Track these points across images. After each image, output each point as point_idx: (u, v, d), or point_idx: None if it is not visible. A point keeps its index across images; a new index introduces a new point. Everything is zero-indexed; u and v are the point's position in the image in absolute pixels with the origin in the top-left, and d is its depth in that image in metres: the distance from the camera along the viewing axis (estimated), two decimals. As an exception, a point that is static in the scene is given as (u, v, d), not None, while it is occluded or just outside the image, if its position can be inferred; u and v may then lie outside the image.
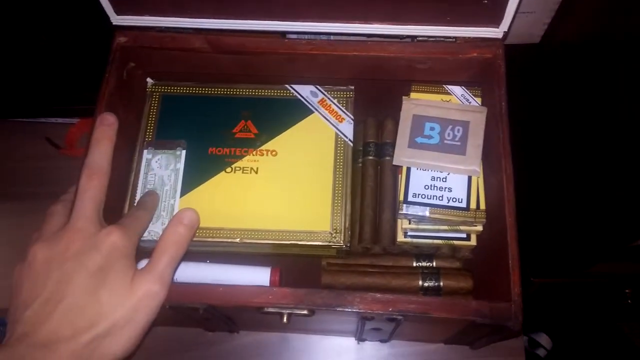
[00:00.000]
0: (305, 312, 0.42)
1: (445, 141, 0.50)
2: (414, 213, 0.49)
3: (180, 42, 0.50)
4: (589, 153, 0.59)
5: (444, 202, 0.49)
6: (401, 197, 0.49)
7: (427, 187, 0.50)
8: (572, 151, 0.61)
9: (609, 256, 0.63)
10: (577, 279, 0.72)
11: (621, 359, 1.01)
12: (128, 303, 0.38)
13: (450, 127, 0.51)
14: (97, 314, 0.37)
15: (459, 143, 0.50)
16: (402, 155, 0.50)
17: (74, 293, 0.37)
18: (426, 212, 0.49)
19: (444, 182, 0.50)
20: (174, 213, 0.50)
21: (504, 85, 0.48)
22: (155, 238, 0.50)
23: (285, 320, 0.42)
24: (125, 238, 0.40)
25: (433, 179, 0.50)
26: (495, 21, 0.48)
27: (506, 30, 0.48)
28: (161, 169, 0.52)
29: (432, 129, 0.51)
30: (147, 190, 0.51)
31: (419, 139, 0.51)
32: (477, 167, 0.49)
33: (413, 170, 0.50)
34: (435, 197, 0.49)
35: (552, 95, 0.65)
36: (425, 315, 0.41)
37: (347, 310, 0.41)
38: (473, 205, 0.49)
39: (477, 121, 0.50)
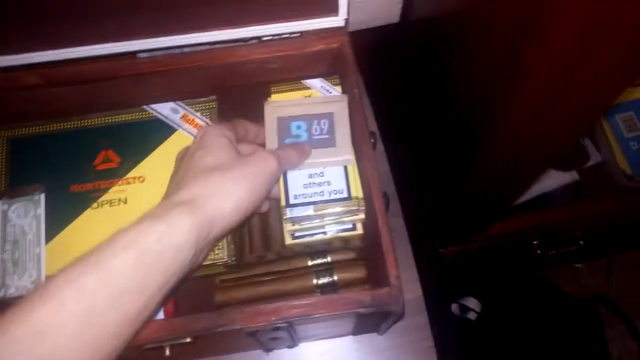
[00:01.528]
0: (188, 340, 0.40)
1: (314, 136, 0.50)
2: (299, 214, 0.48)
3: (10, 82, 0.46)
4: (458, 122, 0.60)
5: (326, 197, 0.48)
6: (283, 202, 0.48)
7: (306, 185, 0.49)
8: (444, 122, 0.62)
9: (500, 215, 0.65)
10: (483, 243, 0.74)
11: (550, 305, 1.06)
12: (234, 160, 0.39)
13: (316, 121, 0.50)
14: (198, 171, 0.38)
15: (327, 136, 0.49)
16: None
17: (180, 168, 0.40)
18: (310, 210, 0.48)
19: (322, 176, 0.49)
20: (41, 263, 0.47)
21: (355, 72, 0.48)
22: (24, 293, 0.46)
23: (167, 353, 0.40)
24: (218, 127, 0.41)
25: (310, 176, 0.49)
26: (334, 10, 0.48)
27: (346, 17, 0.48)
28: (20, 218, 0.48)
29: (298, 127, 0.50)
30: (8, 242, 0.47)
31: (287, 140, 0.50)
32: (349, 156, 0.49)
33: (289, 171, 0.50)
34: (316, 194, 0.49)
35: (419, 69, 0.66)
36: (310, 317, 0.40)
37: (229, 329, 0.40)
38: (354, 194, 0.49)
39: (340, 110, 0.50)
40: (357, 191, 0.49)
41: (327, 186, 0.49)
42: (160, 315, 0.49)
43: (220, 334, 0.41)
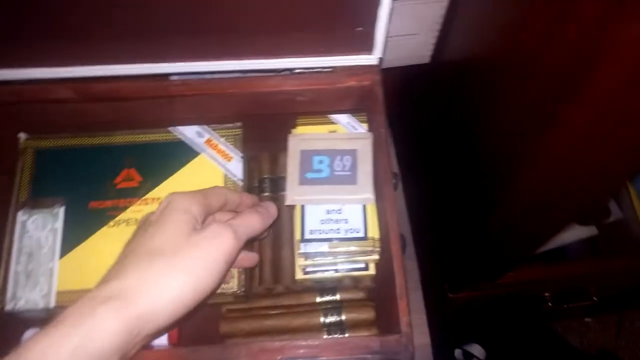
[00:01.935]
0: (190, 371, 0.40)
1: (336, 172, 0.49)
2: (313, 250, 0.48)
3: (46, 94, 0.47)
4: (485, 166, 0.59)
5: (342, 235, 0.48)
6: (298, 236, 0.48)
7: (322, 221, 0.49)
8: (469, 166, 0.62)
9: (515, 265, 0.64)
10: (495, 290, 0.73)
11: (556, 358, 1.03)
12: (184, 242, 0.35)
13: (339, 157, 0.50)
14: (143, 253, 0.34)
15: (349, 172, 0.49)
16: (294, 194, 0.49)
17: (128, 246, 0.37)
18: (325, 247, 0.48)
19: (339, 213, 0.49)
20: (53, 277, 0.47)
21: (382, 111, 0.48)
22: (33, 307, 0.46)
23: (171, 382, 0.40)
24: (185, 198, 0.38)
25: (328, 212, 0.49)
26: (369, 48, 0.48)
27: (380, 56, 0.48)
28: (38, 230, 0.48)
29: (320, 162, 0.50)
30: (23, 254, 0.47)
31: (309, 174, 0.50)
32: (370, 195, 0.48)
33: (307, 206, 0.49)
34: (332, 231, 0.48)
35: (446, 112, 0.66)
36: (316, 359, 0.39)
37: (233, 364, 0.39)
38: (371, 234, 0.48)
39: (364, 148, 0.50)
40: (374, 231, 0.48)
41: (344, 224, 0.48)
42: (164, 341, 0.49)
43: (223, 368, 0.40)
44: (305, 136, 0.51)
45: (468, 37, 0.57)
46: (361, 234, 0.48)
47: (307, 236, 0.48)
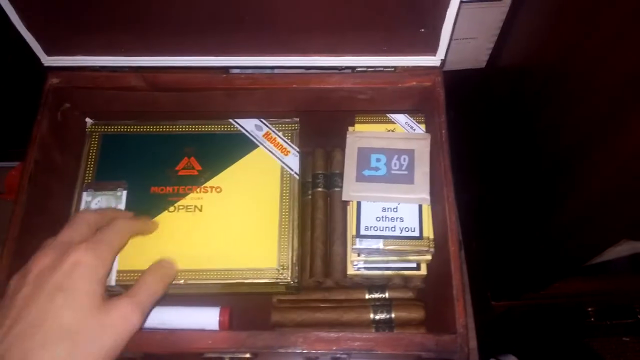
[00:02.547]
0: (247, 355, 0.41)
1: (393, 171, 0.50)
2: (368, 246, 0.48)
3: (115, 81, 0.49)
4: (538, 174, 0.59)
5: (397, 233, 0.48)
6: (354, 231, 0.48)
7: (378, 219, 0.49)
8: (522, 173, 0.61)
9: (564, 276, 0.63)
10: (537, 300, 0.72)
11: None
12: (94, 323, 0.35)
13: (396, 156, 0.50)
14: (53, 332, 0.34)
15: (406, 172, 0.50)
16: (350, 190, 0.50)
17: (30, 314, 0.34)
18: (380, 244, 0.48)
19: (395, 212, 0.49)
20: (115, 259, 0.48)
21: (443, 112, 0.48)
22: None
23: (227, 364, 0.41)
24: (91, 256, 0.37)
25: (384, 209, 0.49)
26: (432, 49, 0.48)
27: (443, 57, 0.49)
28: (101, 211, 0.50)
29: (378, 160, 0.50)
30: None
31: (366, 172, 0.50)
32: (426, 195, 0.49)
33: (363, 202, 0.50)
34: (387, 229, 0.49)
35: (501, 117, 0.66)
36: (370, 352, 0.40)
37: (289, 351, 0.40)
38: (426, 234, 0.48)
39: (422, 148, 0.50)
40: (429, 232, 0.48)
41: (399, 222, 0.49)
42: (215, 326, 0.50)
43: (279, 355, 0.41)
44: (364, 134, 0.51)
45: (529, 44, 0.57)
46: (417, 233, 0.48)
47: (363, 232, 0.48)
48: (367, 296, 0.53)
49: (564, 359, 1.00)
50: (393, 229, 0.48)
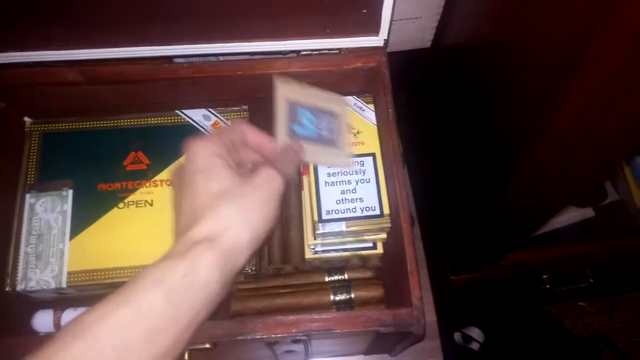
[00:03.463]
0: (207, 345, 0.40)
1: (321, 132, 0.46)
2: (331, 230, 0.48)
3: (52, 77, 0.47)
4: (485, 149, 0.60)
5: (358, 213, 0.48)
6: (315, 217, 0.48)
7: (338, 201, 0.49)
8: (471, 149, 0.63)
9: (516, 246, 0.65)
10: (494, 272, 0.74)
11: (552, 342, 1.05)
12: (246, 184, 0.36)
13: (323, 117, 0.47)
14: (216, 195, 0.35)
15: (331, 136, 0.47)
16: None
17: (183, 199, 0.37)
18: (342, 226, 0.48)
19: (354, 193, 0.49)
20: (64, 258, 0.47)
21: (389, 92, 0.48)
22: (45, 287, 0.46)
23: (186, 357, 0.40)
24: (208, 144, 0.37)
25: (343, 192, 0.49)
26: (375, 30, 0.49)
27: (386, 37, 0.49)
28: (47, 212, 0.48)
29: (307, 119, 0.47)
30: (33, 236, 0.47)
31: (296, 128, 0.46)
32: (349, 159, 0.47)
33: (322, 187, 0.50)
34: (348, 210, 0.49)
35: (447, 96, 0.67)
36: (330, 332, 0.40)
37: (249, 338, 0.40)
38: (386, 211, 0.49)
39: (343, 112, 0.48)
40: (387, 209, 0.49)
41: (359, 202, 0.49)
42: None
43: (239, 342, 0.41)
44: (292, 84, 0.47)
45: (470, 20, 0.58)
46: (377, 212, 0.48)
47: (325, 217, 0.48)
48: (326, 279, 0.53)
49: (523, 328, 1.03)
50: (354, 209, 0.48)
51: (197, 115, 0.53)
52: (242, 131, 0.41)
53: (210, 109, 0.53)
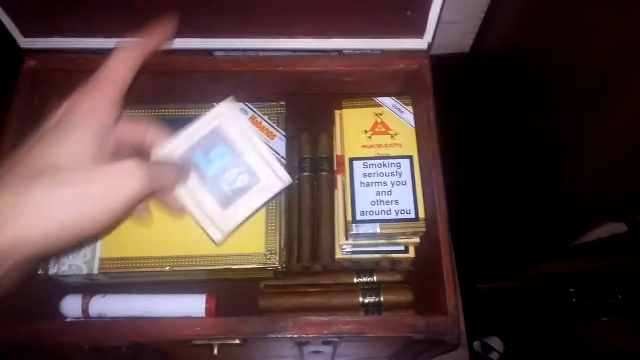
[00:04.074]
0: (237, 342, 0.40)
1: (221, 180, 0.42)
2: (365, 231, 0.48)
3: (95, 64, 0.47)
4: (523, 158, 0.59)
5: (393, 216, 0.48)
6: (349, 217, 0.48)
7: (373, 203, 0.48)
8: (507, 156, 0.62)
9: (549, 257, 0.64)
10: (521, 282, 0.73)
11: (573, 356, 1.03)
12: (97, 166, 0.30)
13: (238, 165, 0.42)
14: (45, 165, 0.29)
15: (228, 191, 0.42)
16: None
17: (22, 153, 0.30)
18: (377, 228, 0.48)
19: (390, 195, 0.49)
20: (97, 245, 0.47)
21: (431, 95, 0.48)
22: (78, 272, 0.47)
23: (216, 352, 0.40)
24: (101, 105, 0.33)
25: (378, 193, 0.49)
26: (419, 32, 0.48)
27: (430, 41, 0.48)
28: (83, 198, 0.49)
29: (218, 152, 0.42)
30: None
31: (199, 157, 0.41)
32: (219, 236, 0.42)
33: (357, 187, 0.49)
34: (383, 212, 0.48)
35: (485, 102, 0.66)
36: (362, 336, 0.40)
37: (280, 337, 0.39)
38: (422, 215, 0.48)
39: (269, 180, 0.42)
40: (423, 213, 0.48)
41: (395, 205, 0.48)
42: (201, 313, 0.49)
43: (269, 340, 0.40)
44: (235, 113, 0.42)
45: (514, 26, 0.57)
46: (412, 215, 0.47)
47: (359, 217, 0.48)
48: (355, 280, 0.53)
49: (546, 340, 1.02)
50: (389, 212, 0.48)
51: (234, 109, 0.53)
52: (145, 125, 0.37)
53: (247, 104, 0.53)
